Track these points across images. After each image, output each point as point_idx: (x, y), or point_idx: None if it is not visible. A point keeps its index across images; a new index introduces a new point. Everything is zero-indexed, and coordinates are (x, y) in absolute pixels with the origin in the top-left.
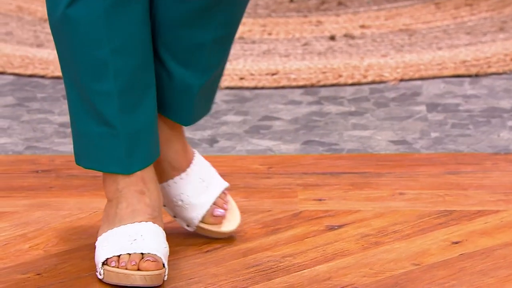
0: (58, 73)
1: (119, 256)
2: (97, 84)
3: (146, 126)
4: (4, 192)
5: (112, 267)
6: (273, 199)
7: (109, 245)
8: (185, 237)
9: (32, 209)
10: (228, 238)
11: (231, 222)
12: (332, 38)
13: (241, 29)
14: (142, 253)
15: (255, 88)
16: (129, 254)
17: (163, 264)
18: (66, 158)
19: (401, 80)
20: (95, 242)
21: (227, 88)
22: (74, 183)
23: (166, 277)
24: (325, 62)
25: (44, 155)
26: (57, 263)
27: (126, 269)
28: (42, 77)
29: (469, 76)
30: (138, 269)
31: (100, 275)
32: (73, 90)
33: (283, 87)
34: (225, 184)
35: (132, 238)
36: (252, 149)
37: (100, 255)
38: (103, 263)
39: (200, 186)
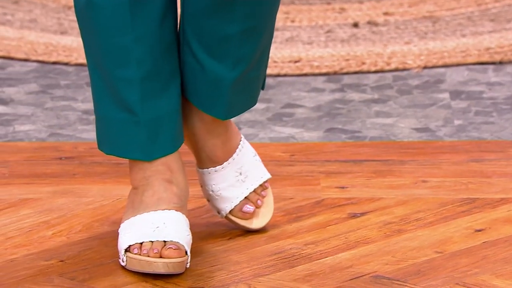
0: (82, 60)
1: (141, 243)
2: (120, 71)
3: (168, 114)
4: (27, 179)
5: (135, 254)
6: (296, 186)
7: (131, 232)
8: (208, 225)
9: (55, 196)
10: None
11: (260, 219)
12: (355, 25)
13: None
14: (164, 241)
15: (278, 75)
16: (152, 241)
17: (186, 252)
18: (89, 145)
19: (425, 67)
20: (118, 229)
21: None
22: (97, 170)
23: (188, 264)
24: (348, 50)
25: (68, 142)
26: (80, 250)
27: (149, 256)
28: (66, 64)
29: (493, 63)
30: (161, 257)
31: (123, 262)
32: (97, 75)
33: (306, 75)
34: (266, 176)
35: (154, 226)
36: (275, 137)
37: (123, 242)
38: (126, 250)
39: (234, 180)
